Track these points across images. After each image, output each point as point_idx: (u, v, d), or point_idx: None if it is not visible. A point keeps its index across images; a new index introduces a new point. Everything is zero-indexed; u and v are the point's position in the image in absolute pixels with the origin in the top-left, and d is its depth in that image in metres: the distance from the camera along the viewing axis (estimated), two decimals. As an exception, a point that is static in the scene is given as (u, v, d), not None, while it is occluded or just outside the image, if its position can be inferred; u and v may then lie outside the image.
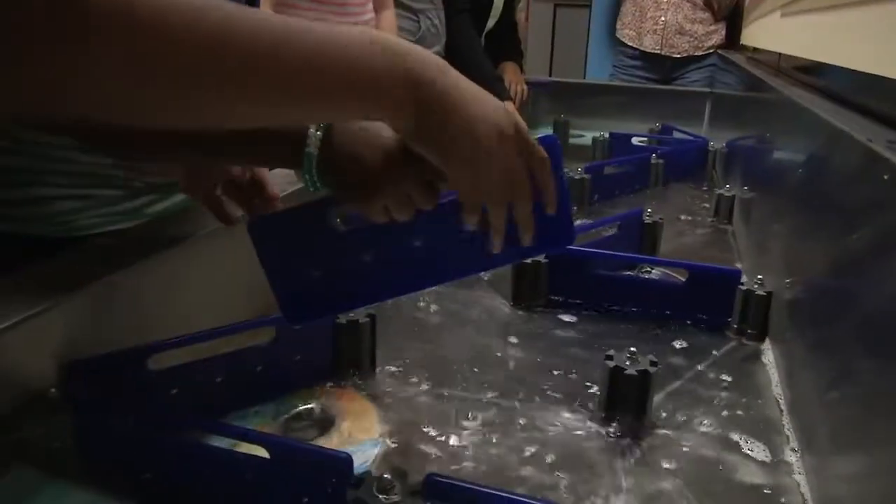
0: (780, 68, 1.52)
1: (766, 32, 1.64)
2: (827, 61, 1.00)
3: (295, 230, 0.59)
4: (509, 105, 1.41)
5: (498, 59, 2.07)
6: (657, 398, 0.72)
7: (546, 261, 0.94)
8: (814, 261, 0.79)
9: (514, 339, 0.87)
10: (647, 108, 2.24)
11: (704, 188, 1.66)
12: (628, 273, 1.04)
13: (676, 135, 2.04)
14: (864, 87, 0.86)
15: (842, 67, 0.92)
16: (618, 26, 2.64)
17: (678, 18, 2.49)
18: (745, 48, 2.35)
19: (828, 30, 1.01)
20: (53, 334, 0.58)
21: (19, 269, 0.64)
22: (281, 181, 0.87)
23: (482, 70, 1.55)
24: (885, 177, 0.55)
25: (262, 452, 0.52)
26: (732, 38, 2.52)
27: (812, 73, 1.18)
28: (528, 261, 0.94)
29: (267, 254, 0.58)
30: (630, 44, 2.58)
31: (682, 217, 1.39)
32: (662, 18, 2.50)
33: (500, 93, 1.51)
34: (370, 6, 1.25)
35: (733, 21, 2.53)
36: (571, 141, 2.15)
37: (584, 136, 2.12)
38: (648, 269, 1.06)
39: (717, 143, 1.85)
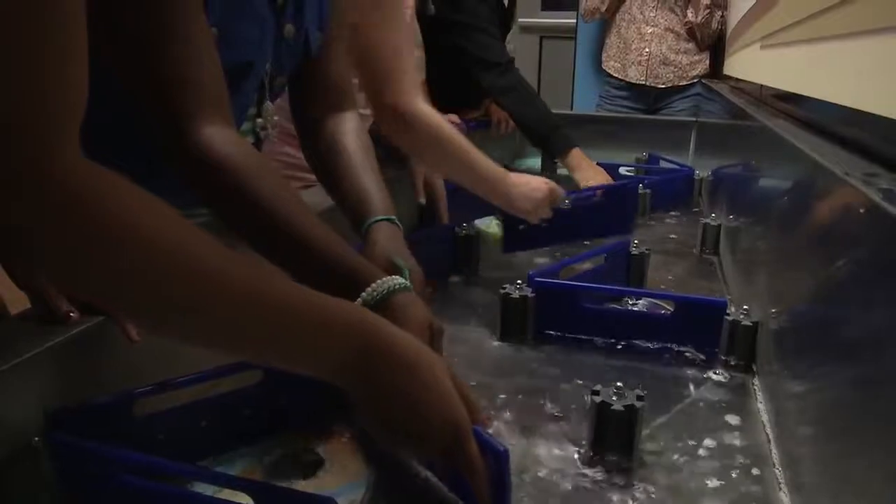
0: (762, 97, 1.54)
1: (747, 64, 1.67)
2: (805, 94, 1.01)
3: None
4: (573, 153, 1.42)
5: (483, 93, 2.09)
6: (645, 432, 0.72)
7: (533, 295, 0.95)
8: (798, 291, 0.79)
9: (501, 375, 0.86)
10: (634, 138, 2.27)
11: (693, 212, 1.68)
12: (615, 306, 1.04)
13: (663, 164, 2.06)
14: (843, 117, 0.87)
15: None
16: (603, 58, 2.68)
17: (662, 49, 2.53)
18: (728, 77, 2.39)
19: (805, 63, 1.03)
20: (37, 382, 0.58)
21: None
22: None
23: (548, 120, 1.56)
24: (862, 210, 0.55)
25: (247, 499, 0.52)
26: (716, 67, 2.55)
27: (793, 103, 1.20)
28: (516, 295, 0.95)
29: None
30: (615, 75, 2.61)
31: (670, 247, 1.40)
32: (646, 50, 2.54)
33: (564, 139, 1.52)
34: None
35: (717, 50, 2.56)
36: (559, 171, 2.17)
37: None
38: (635, 300, 1.07)
39: (703, 171, 1.87)
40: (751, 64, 1.61)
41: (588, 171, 1.46)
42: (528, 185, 1.14)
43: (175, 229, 0.42)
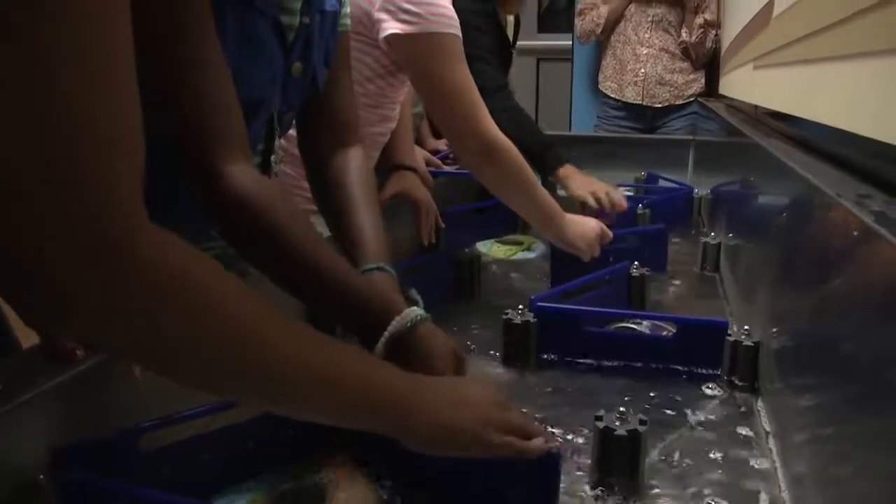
0: (757, 116, 1.55)
1: (740, 84, 1.68)
2: (798, 115, 1.03)
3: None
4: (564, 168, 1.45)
5: None
6: (650, 454, 0.72)
7: (535, 320, 0.95)
8: (797, 310, 0.80)
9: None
10: (632, 158, 2.28)
11: (693, 230, 1.68)
12: (618, 326, 1.05)
13: (662, 183, 2.07)
14: (837, 136, 0.88)
15: (814, 118, 0.94)
16: (599, 79, 2.70)
17: (657, 70, 2.55)
18: (724, 95, 2.41)
19: (798, 84, 1.04)
20: (43, 419, 0.58)
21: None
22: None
23: (541, 139, 1.59)
24: (855, 233, 0.56)
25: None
26: (712, 86, 2.57)
27: (787, 121, 1.21)
28: (518, 320, 0.95)
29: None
30: (612, 95, 2.63)
31: (671, 266, 1.41)
32: (642, 70, 2.56)
33: (556, 157, 1.54)
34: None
35: (712, 69, 2.59)
36: (559, 192, 2.17)
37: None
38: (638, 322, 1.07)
39: (702, 189, 1.88)
40: (745, 84, 1.63)
41: (578, 181, 1.50)
42: (583, 224, 1.21)
43: (252, 309, 0.45)
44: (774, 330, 0.87)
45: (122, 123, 0.37)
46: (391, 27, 1.05)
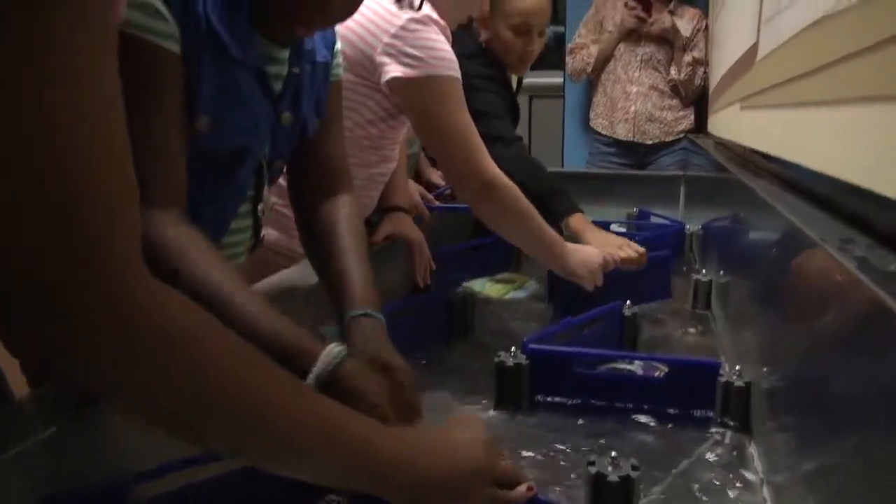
0: (745, 154, 1.57)
1: (728, 124, 1.71)
2: (783, 157, 1.04)
3: None
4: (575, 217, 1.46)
5: None
6: (643, 500, 0.72)
7: (527, 362, 0.95)
8: (786, 351, 0.80)
9: (497, 445, 0.86)
10: (624, 194, 2.30)
11: (684, 270, 1.69)
12: (610, 368, 1.05)
13: (654, 219, 2.08)
14: (823, 177, 0.89)
15: (799, 159, 0.96)
16: (591, 116, 2.74)
17: (647, 107, 2.59)
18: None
19: (783, 126, 1.06)
20: (35, 469, 0.58)
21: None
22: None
23: (551, 190, 1.61)
24: (838, 278, 0.57)
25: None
26: (701, 122, 2.61)
27: (775, 161, 1.23)
28: (510, 363, 0.95)
29: None
30: (603, 132, 2.67)
31: (663, 303, 1.41)
32: (632, 108, 2.60)
33: (566, 205, 1.56)
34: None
35: (701, 105, 2.63)
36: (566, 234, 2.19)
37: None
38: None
39: (694, 224, 1.89)
40: (732, 124, 1.65)
41: (593, 237, 1.43)
42: (585, 252, 1.24)
43: (247, 365, 0.46)
44: (765, 370, 0.87)
45: (120, 182, 0.37)
46: (393, 71, 1.08)
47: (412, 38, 1.07)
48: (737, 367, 0.92)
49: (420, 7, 0.98)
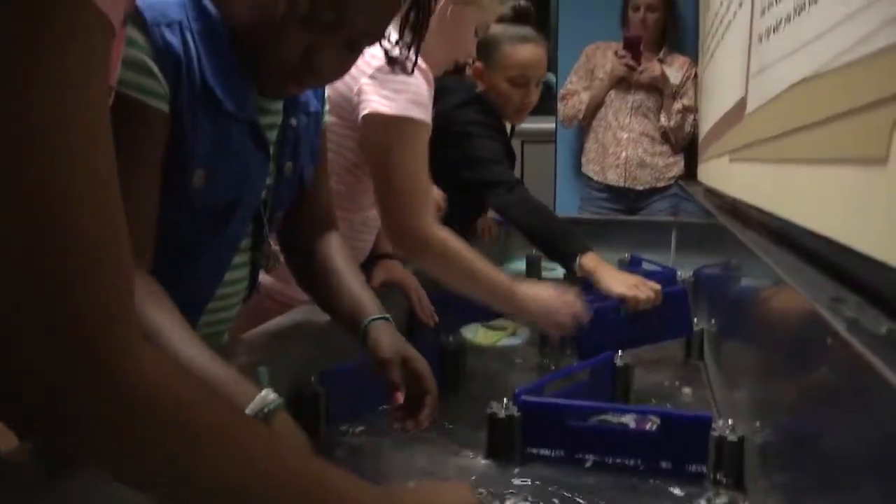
0: (734, 204, 1.58)
1: (718, 174, 1.73)
2: (771, 211, 1.05)
3: None
4: (587, 256, 1.46)
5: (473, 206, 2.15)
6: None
7: (519, 414, 0.95)
8: (778, 406, 0.80)
9: (489, 498, 0.86)
10: (616, 239, 2.30)
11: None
12: (602, 419, 1.04)
13: (645, 265, 2.08)
14: (812, 233, 0.90)
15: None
16: (582, 162, 2.77)
17: (638, 153, 2.62)
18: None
19: (771, 181, 1.07)
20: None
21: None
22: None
23: (561, 230, 1.61)
24: (829, 340, 0.57)
25: None
26: (691, 168, 2.64)
27: (764, 213, 1.24)
28: (502, 415, 0.95)
29: None
30: (595, 178, 2.69)
31: (655, 353, 1.41)
32: (623, 154, 2.63)
33: (577, 244, 1.54)
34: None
35: (692, 151, 2.66)
36: (544, 275, 2.19)
37: (556, 269, 2.17)
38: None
39: (685, 270, 1.90)
40: (721, 175, 1.67)
41: (609, 275, 1.42)
42: (544, 299, 1.21)
43: (238, 432, 0.45)
44: (758, 424, 0.87)
45: (115, 244, 0.37)
46: (366, 108, 1.09)
47: (389, 79, 1.08)
48: (729, 422, 0.91)
49: (413, 70, 0.99)
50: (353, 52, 0.81)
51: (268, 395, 0.69)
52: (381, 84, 1.08)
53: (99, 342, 0.36)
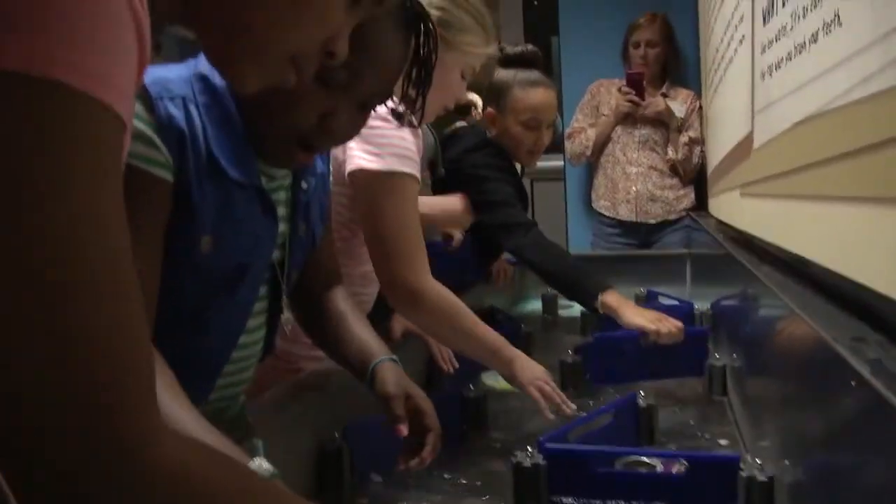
0: (746, 236, 1.58)
1: (729, 209, 1.73)
2: (783, 246, 1.05)
3: None
4: (609, 294, 1.47)
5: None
6: None
7: (544, 462, 0.94)
8: (806, 445, 0.79)
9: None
10: (630, 274, 2.30)
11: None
12: (628, 462, 1.03)
13: (662, 300, 2.08)
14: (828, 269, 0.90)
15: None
16: (593, 198, 2.78)
17: (648, 187, 2.63)
18: (714, 212, 2.46)
19: (783, 217, 1.07)
20: None
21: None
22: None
23: (579, 271, 1.62)
24: (852, 383, 0.57)
25: None
26: (701, 199, 2.64)
27: (778, 247, 1.24)
28: (527, 463, 0.94)
29: None
30: (606, 214, 2.70)
31: (678, 391, 1.40)
32: (633, 188, 2.64)
33: (596, 284, 1.54)
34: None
35: (701, 182, 2.66)
36: (561, 313, 2.19)
37: (573, 307, 2.16)
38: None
39: (702, 302, 1.89)
40: (732, 209, 1.67)
41: (631, 311, 1.43)
42: (531, 363, 1.21)
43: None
44: (787, 462, 0.86)
45: (136, 338, 0.38)
46: (352, 164, 1.11)
47: (372, 135, 1.09)
48: (758, 461, 0.90)
49: (419, 124, 1.01)
50: (365, 113, 0.83)
51: (261, 466, 0.69)
52: (366, 140, 1.09)
53: (123, 433, 0.36)
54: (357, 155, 1.10)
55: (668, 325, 1.36)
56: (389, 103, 0.89)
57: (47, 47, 0.33)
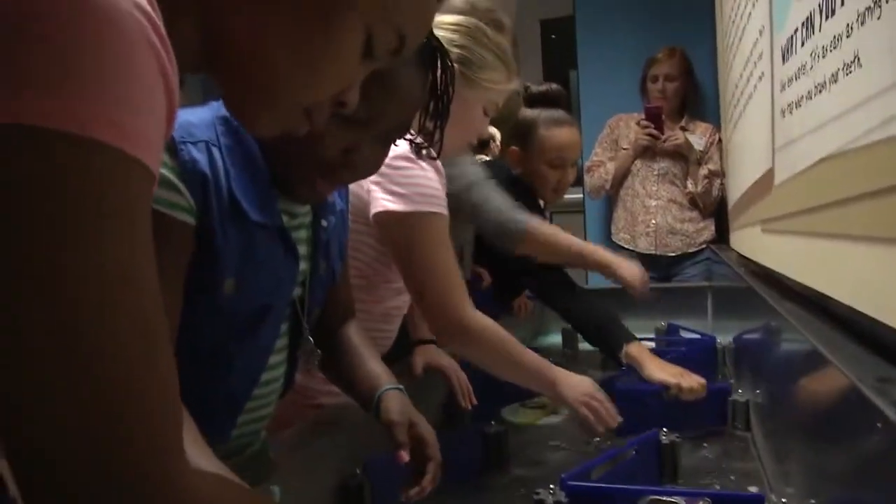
0: (769, 272, 1.58)
1: (751, 244, 1.73)
2: (806, 283, 1.05)
3: None
4: (633, 346, 1.48)
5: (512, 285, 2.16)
6: None
7: (567, 500, 0.94)
8: (833, 481, 0.79)
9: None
10: (651, 307, 2.28)
11: (719, 384, 1.66)
12: (652, 499, 1.02)
13: (683, 333, 2.07)
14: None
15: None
16: (612, 231, 2.78)
17: (667, 220, 2.63)
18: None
19: (805, 255, 1.07)
20: None
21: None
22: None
23: (605, 318, 1.63)
24: (879, 425, 0.57)
25: None
26: (721, 232, 2.64)
27: (800, 283, 1.23)
28: (550, 502, 0.94)
29: None
30: (626, 246, 2.70)
31: (700, 427, 1.39)
32: (653, 221, 2.64)
33: (621, 334, 1.56)
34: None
35: (722, 215, 2.66)
36: (581, 347, 2.18)
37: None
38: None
39: (724, 335, 1.88)
40: (754, 244, 1.67)
41: (653, 364, 1.43)
42: (576, 379, 1.22)
43: None
44: (813, 502, 0.85)
45: (166, 391, 0.38)
46: (378, 206, 1.11)
47: (397, 175, 1.10)
48: (783, 501, 0.89)
49: (438, 157, 1.02)
50: (386, 146, 0.85)
51: None
52: (390, 180, 1.10)
53: (150, 477, 0.37)
54: (382, 197, 1.11)
55: (690, 381, 1.35)
56: (408, 137, 0.91)
57: (82, 106, 0.35)
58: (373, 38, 0.51)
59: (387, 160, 1.10)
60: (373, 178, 1.11)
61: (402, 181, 1.11)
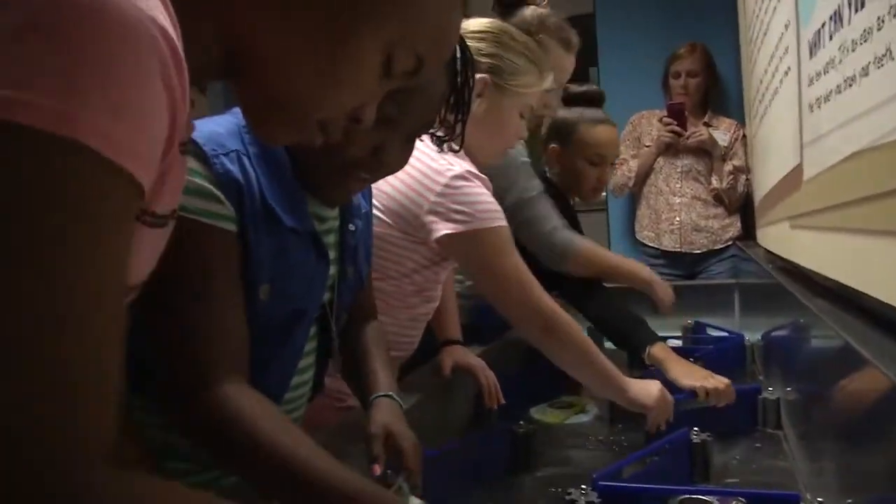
0: (798, 268, 1.56)
1: (779, 240, 1.71)
2: (836, 279, 1.04)
3: None
4: (657, 347, 1.49)
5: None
6: None
7: (599, 500, 0.94)
8: (869, 479, 0.78)
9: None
10: (677, 305, 2.26)
11: (749, 382, 1.65)
12: (684, 499, 1.02)
13: (710, 331, 2.05)
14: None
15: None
16: (636, 228, 2.77)
17: (692, 217, 2.61)
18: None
19: (835, 250, 1.06)
20: None
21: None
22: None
23: (629, 319, 1.64)
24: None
25: None
26: (748, 228, 2.61)
27: (831, 279, 1.22)
28: (582, 502, 0.94)
29: None
30: (650, 244, 2.68)
31: (730, 426, 1.37)
32: (677, 218, 2.62)
33: (646, 335, 1.56)
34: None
35: (747, 211, 2.63)
36: (606, 345, 2.17)
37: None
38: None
39: (752, 333, 1.86)
40: (782, 241, 1.65)
41: (679, 367, 1.43)
42: (645, 382, 1.25)
43: None
44: (850, 502, 0.84)
45: (104, 381, 0.38)
46: (443, 229, 1.13)
47: (457, 195, 1.13)
48: (819, 500, 0.89)
49: (460, 149, 1.03)
50: (412, 143, 0.86)
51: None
52: (451, 201, 1.13)
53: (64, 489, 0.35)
54: (444, 226, 1.14)
55: (715, 383, 1.34)
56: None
57: (75, 109, 0.35)
58: (392, 58, 0.52)
59: (443, 181, 1.13)
60: (431, 199, 1.14)
61: (463, 200, 1.14)
